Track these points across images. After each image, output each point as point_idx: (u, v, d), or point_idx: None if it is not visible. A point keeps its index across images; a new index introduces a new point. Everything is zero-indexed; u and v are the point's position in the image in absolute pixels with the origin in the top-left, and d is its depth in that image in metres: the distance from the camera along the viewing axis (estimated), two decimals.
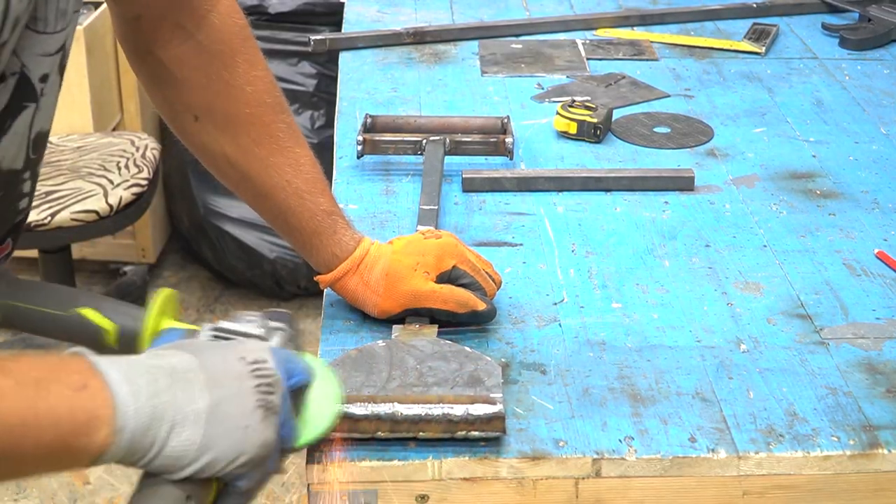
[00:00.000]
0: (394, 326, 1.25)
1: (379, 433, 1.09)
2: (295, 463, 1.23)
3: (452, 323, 1.26)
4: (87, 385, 0.80)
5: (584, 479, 1.10)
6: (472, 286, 1.27)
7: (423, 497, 1.10)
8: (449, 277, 1.27)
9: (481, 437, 1.09)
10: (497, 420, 1.09)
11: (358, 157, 1.63)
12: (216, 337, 1.00)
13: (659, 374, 1.21)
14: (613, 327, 1.29)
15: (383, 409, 1.09)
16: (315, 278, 1.28)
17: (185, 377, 0.86)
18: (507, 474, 1.09)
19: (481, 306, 1.26)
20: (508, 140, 1.63)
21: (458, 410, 1.09)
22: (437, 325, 1.25)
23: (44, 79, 0.97)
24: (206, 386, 0.86)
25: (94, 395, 0.80)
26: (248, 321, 1.03)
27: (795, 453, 1.10)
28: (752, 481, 1.11)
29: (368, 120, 1.70)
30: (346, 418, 1.08)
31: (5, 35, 0.87)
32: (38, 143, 1.01)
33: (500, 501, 1.10)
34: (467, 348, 1.19)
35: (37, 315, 1.05)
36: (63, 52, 0.99)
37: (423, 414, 1.09)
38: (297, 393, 0.97)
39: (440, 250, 1.27)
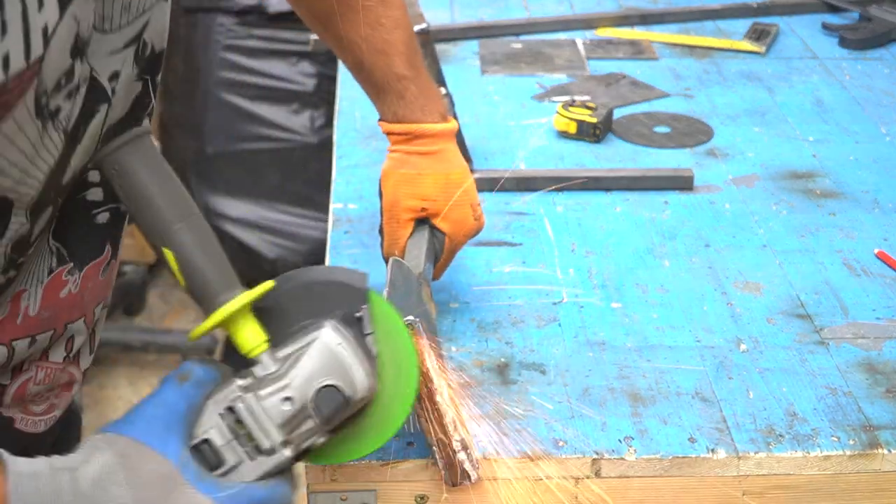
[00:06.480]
0: None
1: None
2: None
3: None
4: None
5: (584, 479, 1.10)
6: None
7: (423, 497, 1.10)
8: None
9: None
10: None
11: None
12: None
13: (659, 374, 1.21)
14: (613, 327, 1.29)
15: None
16: (378, 122, 1.29)
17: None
18: (507, 474, 1.09)
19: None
20: None
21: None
22: None
23: (114, 77, 0.92)
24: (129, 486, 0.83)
25: None
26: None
27: (795, 453, 1.10)
28: (751, 481, 1.11)
29: None
30: None
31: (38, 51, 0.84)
32: (108, 135, 0.96)
33: (499, 501, 1.10)
34: None
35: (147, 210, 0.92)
36: (138, 43, 0.94)
37: None
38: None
39: (466, 228, 1.27)
